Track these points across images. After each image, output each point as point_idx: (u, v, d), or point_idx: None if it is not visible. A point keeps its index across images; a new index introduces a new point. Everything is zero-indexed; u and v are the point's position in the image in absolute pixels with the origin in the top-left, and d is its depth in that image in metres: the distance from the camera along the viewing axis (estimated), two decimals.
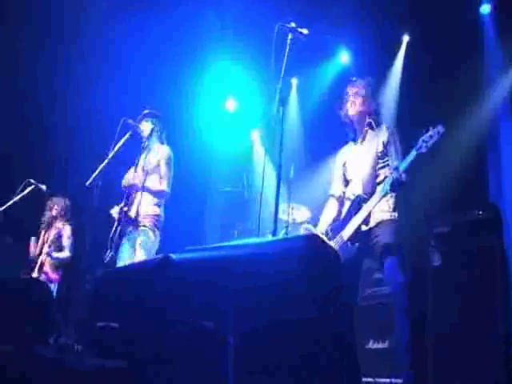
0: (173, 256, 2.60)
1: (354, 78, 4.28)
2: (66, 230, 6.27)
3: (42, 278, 5.97)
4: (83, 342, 3.11)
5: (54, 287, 5.82)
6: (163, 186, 5.04)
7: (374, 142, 4.02)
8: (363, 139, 4.13)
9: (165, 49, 7.16)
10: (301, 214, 6.42)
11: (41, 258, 6.03)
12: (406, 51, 7.15)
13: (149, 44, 7.02)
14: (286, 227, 5.95)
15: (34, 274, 5.90)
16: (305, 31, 3.82)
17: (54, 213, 6.30)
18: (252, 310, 2.26)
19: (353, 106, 4.09)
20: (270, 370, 2.18)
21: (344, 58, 7.61)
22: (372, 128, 4.09)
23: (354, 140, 4.20)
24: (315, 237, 2.52)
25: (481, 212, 4.03)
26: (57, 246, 6.18)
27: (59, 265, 6.14)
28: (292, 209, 6.09)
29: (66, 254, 6.15)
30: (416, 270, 3.95)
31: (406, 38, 7.16)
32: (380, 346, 4.29)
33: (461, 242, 3.97)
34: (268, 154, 3.97)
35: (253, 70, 7.46)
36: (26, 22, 6.40)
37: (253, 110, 7.97)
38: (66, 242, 6.24)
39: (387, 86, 7.04)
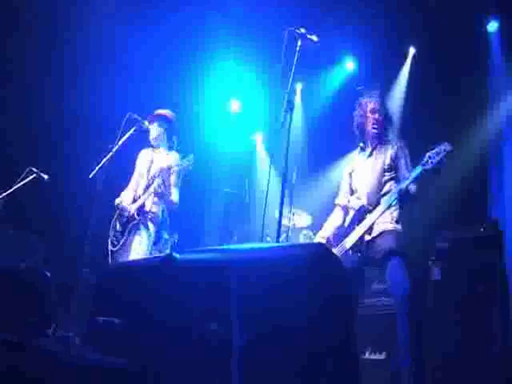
0: (177, 255, 2.60)
1: (361, 87, 4.29)
2: None
3: None
4: (82, 335, 3.10)
5: None
6: (174, 197, 4.99)
7: (383, 154, 4.06)
8: (372, 151, 4.16)
9: (168, 49, 7.12)
10: (301, 219, 6.44)
11: None
12: (412, 63, 7.18)
13: (152, 44, 6.99)
14: (287, 232, 5.96)
15: None
16: (315, 38, 3.83)
17: None
18: (257, 315, 2.27)
19: (371, 123, 4.11)
20: (271, 377, 2.18)
21: (349, 65, 7.63)
22: (382, 141, 4.12)
23: (363, 150, 4.22)
24: (322, 245, 2.53)
25: (482, 228, 4.06)
26: None
27: None
28: (293, 214, 6.11)
29: None
30: (416, 283, 3.97)
31: (412, 51, 7.19)
32: (377, 356, 4.29)
33: (461, 257, 4.00)
34: (271, 158, 3.98)
35: (257, 71, 7.48)
36: (28, 23, 6.38)
37: (256, 112, 7.95)
38: None
39: (392, 96, 7.05)
